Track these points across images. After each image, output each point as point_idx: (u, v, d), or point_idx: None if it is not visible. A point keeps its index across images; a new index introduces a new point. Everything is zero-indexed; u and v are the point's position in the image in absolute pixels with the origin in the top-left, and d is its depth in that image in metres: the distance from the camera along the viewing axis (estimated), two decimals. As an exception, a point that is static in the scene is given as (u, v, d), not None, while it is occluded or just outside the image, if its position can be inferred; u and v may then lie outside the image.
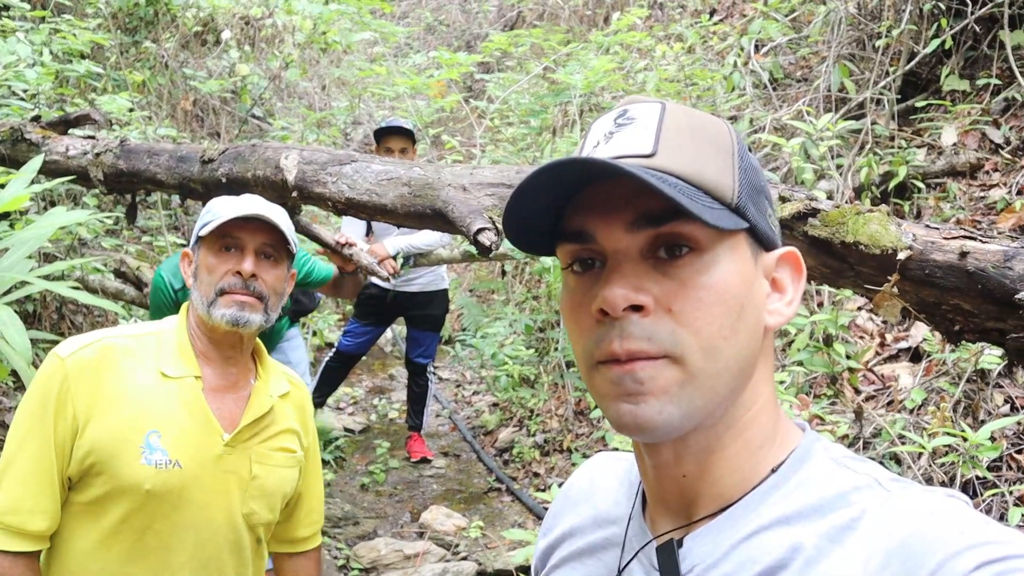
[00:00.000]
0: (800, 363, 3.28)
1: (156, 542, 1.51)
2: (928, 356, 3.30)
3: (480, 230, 2.26)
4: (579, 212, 0.72)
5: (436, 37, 10.70)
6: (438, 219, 2.44)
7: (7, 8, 5.47)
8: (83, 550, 1.50)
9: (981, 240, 1.76)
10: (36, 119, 3.93)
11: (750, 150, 0.79)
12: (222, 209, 1.61)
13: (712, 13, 6.35)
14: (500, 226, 2.31)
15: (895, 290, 1.80)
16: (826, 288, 3.61)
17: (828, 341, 3.25)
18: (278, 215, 1.63)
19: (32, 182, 3.23)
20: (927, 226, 1.84)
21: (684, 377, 0.68)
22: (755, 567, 0.68)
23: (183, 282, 2.58)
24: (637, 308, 0.68)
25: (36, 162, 3.26)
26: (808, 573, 0.66)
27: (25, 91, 4.51)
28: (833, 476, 0.71)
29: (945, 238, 1.79)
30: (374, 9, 6.61)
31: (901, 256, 1.78)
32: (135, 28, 6.07)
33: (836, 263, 1.89)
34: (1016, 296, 1.63)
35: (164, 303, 2.91)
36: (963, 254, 1.73)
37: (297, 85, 7.81)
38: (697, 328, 0.68)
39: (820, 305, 3.66)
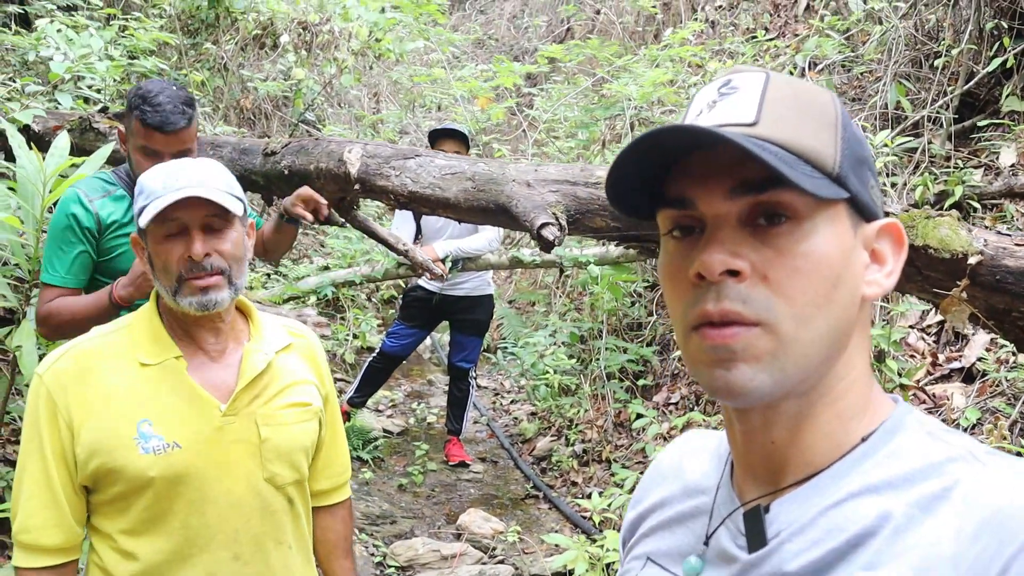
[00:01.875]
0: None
1: (179, 523, 1.52)
2: (983, 376, 3.26)
3: (544, 225, 2.29)
4: (681, 178, 0.73)
5: (485, 51, 10.81)
6: (501, 214, 2.47)
7: (76, 7, 5.65)
8: (121, 547, 1.53)
9: (1055, 247, 1.75)
10: (104, 110, 4.05)
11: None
12: (153, 186, 1.52)
13: (765, 31, 6.36)
14: (563, 222, 2.34)
15: (964, 295, 1.80)
16: (879, 303, 3.58)
17: (880, 357, 3.23)
18: (211, 180, 1.53)
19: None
20: (999, 232, 1.84)
21: (776, 345, 0.69)
22: (843, 534, 0.68)
23: (111, 219, 2.40)
24: (734, 273, 0.69)
25: (106, 150, 3.35)
26: (897, 542, 0.66)
27: (90, 86, 4.65)
28: (926, 447, 0.71)
29: (1018, 244, 1.78)
30: (430, 21, 6.72)
31: (972, 261, 1.77)
32: (197, 30, 6.22)
33: (904, 267, 1.88)
34: (1091, 302, 1.62)
35: (70, 230, 2.39)
36: (1036, 260, 1.72)
37: (348, 92, 7.95)
38: (791, 296, 0.69)
39: (872, 323, 3.63)
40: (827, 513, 0.71)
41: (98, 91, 4.74)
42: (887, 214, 1.87)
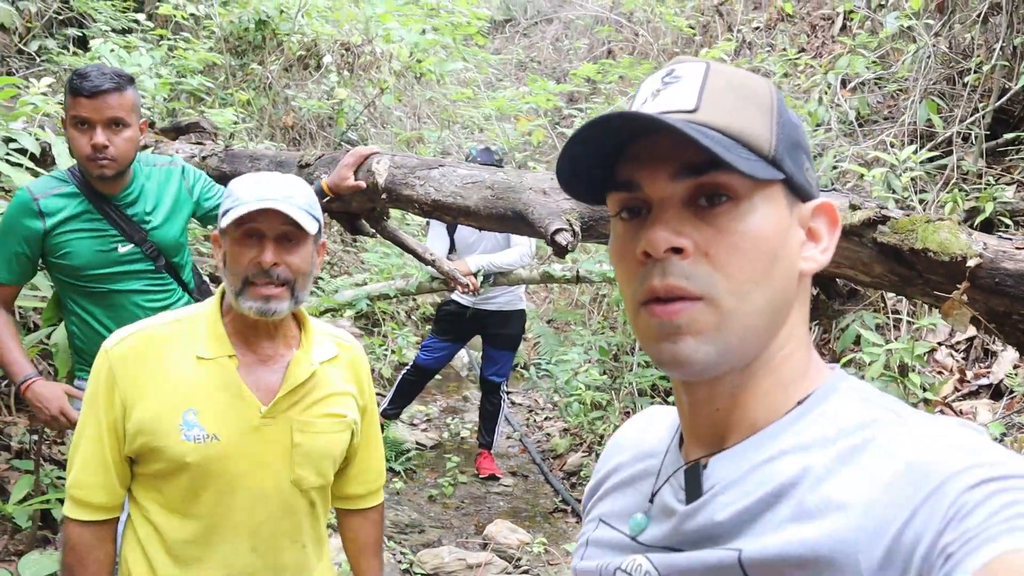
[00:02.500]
0: (874, 392, 3.24)
1: (207, 509, 1.62)
2: (1010, 392, 3.22)
3: (558, 231, 2.36)
4: (628, 163, 0.77)
5: (528, 73, 10.96)
6: (518, 221, 2.55)
7: (130, 30, 5.91)
8: (153, 520, 1.66)
9: (1054, 251, 1.76)
10: (151, 125, 4.24)
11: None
12: (241, 193, 1.61)
13: (801, 52, 6.37)
14: (577, 228, 2.40)
15: (964, 298, 1.82)
16: (904, 318, 3.57)
17: (903, 371, 3.22)
18: (295, 198, 1.61)
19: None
20: (999, 236, 1.85)
21: (719, 318, 0.73)
22: (769, 486, 0.73)
23: (58, 216, 2.41)
24: (678, 251, 0.73)
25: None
26: (817, 489, 0.70)
27: (141, 104, 4.87)
28: (856, 408, 0.75)
29: (1017, 248, 1.80)
30: (468, 40, 6.87)
31: (971, 263, 1.79)
32: (244, 51, 6.45)
33: (905, 270, 1.91)
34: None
35: (11, 231, 2.44)
36: (1034, 263, 1.74)
37: (391, 113, 8.14)
38: (730, 272, 0.73)
39: (898, 339, 3.62)
40: (758, 468, 0.75)
41: (148, 108, 4.96)
42: (886, 219, 1.90)
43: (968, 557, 0.60)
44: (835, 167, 4.30)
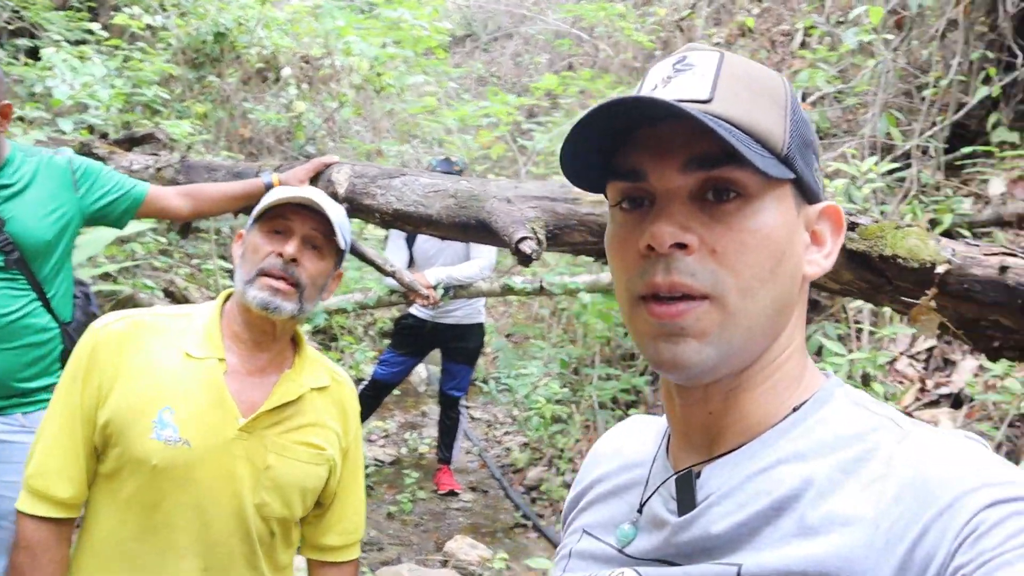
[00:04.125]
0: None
1: (163, 519, 1.51)
2: (971, 401, 3.24)
3: (522, 239, 2.31)
4: (633, 151, 0.73)
5: (488, 88, 10.96)
6: (481, 230, 2.50)
7: (84, 41, 5.77)
8: (104, 528, 1.53)
9: (1022, 256, 1.76)
10: (104, 136, 4.12)
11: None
12: (279, 192, 1.61)
13: (760, 68, 6.44)
14: (541, 236, 2.36)
15: (933, 304, 1.81)
16: (866, 327, 3.59)
17: (866, 381, 3.23)
18: (331, 209, 1.61)
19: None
20: (967, 242, 1.85)
21: (723, 318, 0.70)
22: (768, 498, 0.70)
23: None
24: (682, 246, 0.70)
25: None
26: (821, 504, 0.67)
27: (95, 116, 4.74)
28: (851, 416, 0.73)
29: (985, 254, 1.80)
30: (429, 53, 6.84)
31: (940, 270, 1.79)
32: (201, 63, 6.33)
33: (874, 277, 1.90)
34: (1056, 308, 1.63)
35: None
36: (1003, 268, 1.74)
37: (350, 128, 8.06)
38: (737, 270, 0.70)
39: (859, 349, 3.63)
40: (755, 478, 0.72)
41: (102, 120, 4.83)
42: (855, 225, 1.89)
43: None
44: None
